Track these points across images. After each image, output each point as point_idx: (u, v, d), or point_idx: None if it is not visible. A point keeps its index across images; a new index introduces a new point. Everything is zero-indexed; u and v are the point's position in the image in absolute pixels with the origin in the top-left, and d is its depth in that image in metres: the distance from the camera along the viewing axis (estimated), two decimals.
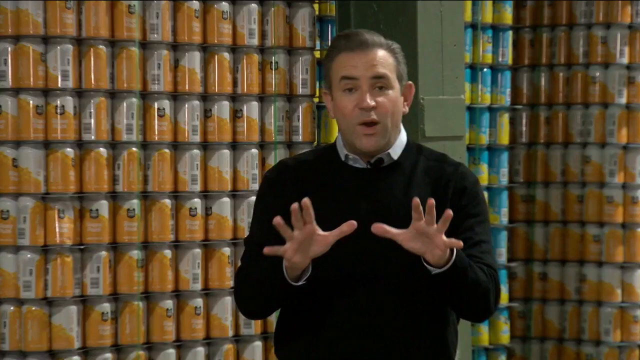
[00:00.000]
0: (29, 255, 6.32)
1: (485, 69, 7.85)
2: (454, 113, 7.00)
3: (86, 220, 6.28)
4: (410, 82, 4.33)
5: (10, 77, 6.15)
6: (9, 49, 6.16)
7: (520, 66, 8.30)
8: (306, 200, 3.98)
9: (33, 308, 6.23)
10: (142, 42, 6.55)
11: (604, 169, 8.09)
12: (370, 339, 4.24)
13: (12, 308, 6.24)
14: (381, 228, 4.01)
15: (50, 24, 6.18)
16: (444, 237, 3.95)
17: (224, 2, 6.78)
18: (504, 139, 7.92)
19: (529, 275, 8.30)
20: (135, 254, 6.43)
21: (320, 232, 4.03)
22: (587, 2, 8.31)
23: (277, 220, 4.02)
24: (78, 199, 6.28)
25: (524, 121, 8.35)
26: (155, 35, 6.57)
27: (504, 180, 7.92)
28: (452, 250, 4.04)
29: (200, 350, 6.82)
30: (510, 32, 8.10)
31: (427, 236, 3.99)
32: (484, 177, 7.75)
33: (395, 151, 4.35)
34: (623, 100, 8.07)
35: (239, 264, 4.49)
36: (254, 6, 7.09)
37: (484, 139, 7.76)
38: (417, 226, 3.97)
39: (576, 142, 8.17)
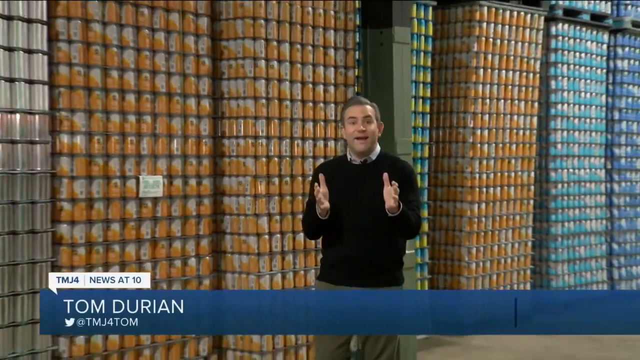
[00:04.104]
0: (249, 198, 6.00)
1: (419, 128, 7.73)
2: (407, 144, 6.90)
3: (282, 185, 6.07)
4: (381, 122, 4.14)
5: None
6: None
7: (432, 127, 8.07)
8: (321, 176, 3.86)
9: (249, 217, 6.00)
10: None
11: (464, 166, 8.05)
12: (361, 243, 3.93)
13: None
14: (387, 180, 3.82)
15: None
16: (393, 194, 3.75)
17: None
18: (426, 155, 7.85)
19: (435, 206, 8.26)
20: None
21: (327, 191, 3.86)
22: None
23: (322, 177, 3.88)
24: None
25: (433, 148, 8.17)
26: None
27: (426, 171, 7.84)
28: (399, 206, 3.79)
29: None
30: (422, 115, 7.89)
31: (387, 193, 3.78)
32: (418, 169, 7.66)
33: (374, 156, 4.05)
34: (471, 140, 8.03)
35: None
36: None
37: (418, 154, 7.69)
38: (385, 188, 3.80)
39: (453, 156, 8.10)
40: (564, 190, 9.16)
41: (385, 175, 3.81)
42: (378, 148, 4.11)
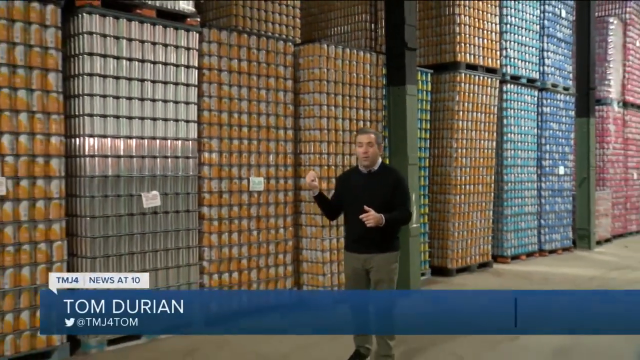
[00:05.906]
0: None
1: (422, 148, 7.43)
2: (415, 158, 6.67)
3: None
4: (381, 144, 3.78)
5: None
6: None
7: (431, 147, 7.67)
8: (310, 176, 3.57)
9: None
10: None
11: (450, 172, 7.69)
12: (364, 227, 3.58)
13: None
14: (365, 208, 3.47)
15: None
16: (368, 221, 3.47)
17: None
18: (427, 165, 7.55)
19: (433, 197, 7.85)
20: None
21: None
22: None
23: (310, 177, 3.59)
24: None
25: (431, 160, 7.80)
26: None
27: (427, 175, 7.54)
28: (382, 218, 3.45)
29: None
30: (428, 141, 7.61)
31: (366, 218, 3.49)
32: (421, 173, 7.37)
33: (376, 167, 3.75)
34: (454, 156, 7.64)
35: None
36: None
37: (422, 164, 7.37)
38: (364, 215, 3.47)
39: (444, 165, 7.77)
40: (512, 187, 8.91)
41: (366, 207, 3.52)
42: (380, 161, 3.82)
